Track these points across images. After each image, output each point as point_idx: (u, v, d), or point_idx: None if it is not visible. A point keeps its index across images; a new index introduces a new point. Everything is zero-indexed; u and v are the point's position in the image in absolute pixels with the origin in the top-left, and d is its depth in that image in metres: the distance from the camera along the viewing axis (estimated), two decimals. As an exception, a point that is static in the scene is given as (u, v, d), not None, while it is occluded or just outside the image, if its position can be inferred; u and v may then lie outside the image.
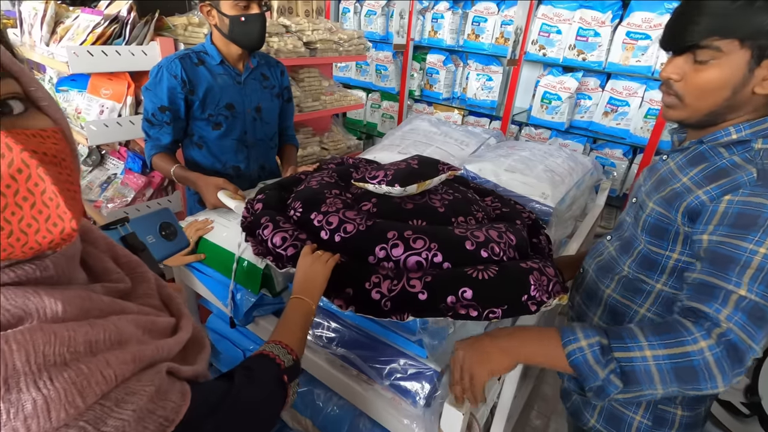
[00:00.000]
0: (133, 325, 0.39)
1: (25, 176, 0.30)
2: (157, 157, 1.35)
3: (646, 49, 2.41)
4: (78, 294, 0.36)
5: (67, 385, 0.31)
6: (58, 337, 0.32)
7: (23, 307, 0.32)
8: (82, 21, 1.54)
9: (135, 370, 0.36)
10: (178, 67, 1.29)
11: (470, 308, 0.71)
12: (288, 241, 0.84)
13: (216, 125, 1.39)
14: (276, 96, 1.51)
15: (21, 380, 0.29)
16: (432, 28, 3.23)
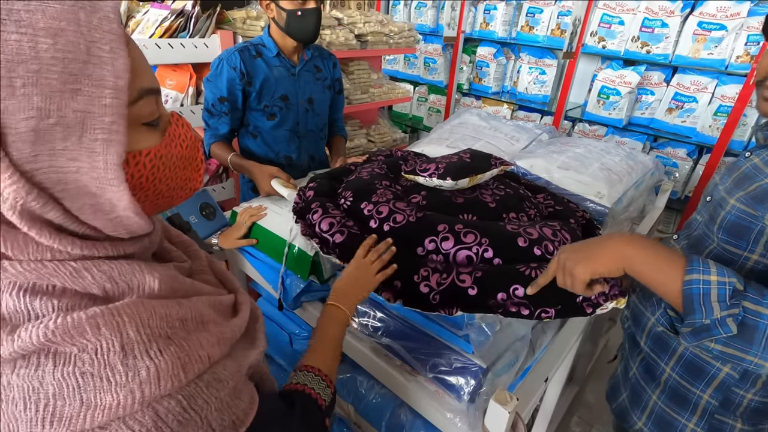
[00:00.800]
0: (208, 306, 0.41)
1: (197, 144, 0.44)
2: (216, 146, 1.42)
3: (720, 40, 2.22)
4: (169, 273, 0.39)
5: (173, 358, 0.34)
6: (157, 312, 0.35)
7: (129, 282, 0.36)
8: (152, 15, 1.64)
9: (222, 354, 0.39)
10: (237, 59, 1.33)
11: (521, 306, 0.70)
12: (335, 227, 0.86)
13: (271, 116, 1.44)
14: (327, 88, 1.54)
15: (135, 348, 0.33)
16: (484, 20, 3.15)
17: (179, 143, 0.41)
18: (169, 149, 0.40)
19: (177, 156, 0.41)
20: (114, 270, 0.35)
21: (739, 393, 0.76)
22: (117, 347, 0.32)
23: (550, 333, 0.98)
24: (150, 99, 0.37)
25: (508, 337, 0.84)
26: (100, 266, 0.35)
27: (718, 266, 0.58)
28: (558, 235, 0.81)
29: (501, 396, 0.69)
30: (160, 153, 0.39)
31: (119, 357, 0.32)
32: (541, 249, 0.78)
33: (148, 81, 0.37)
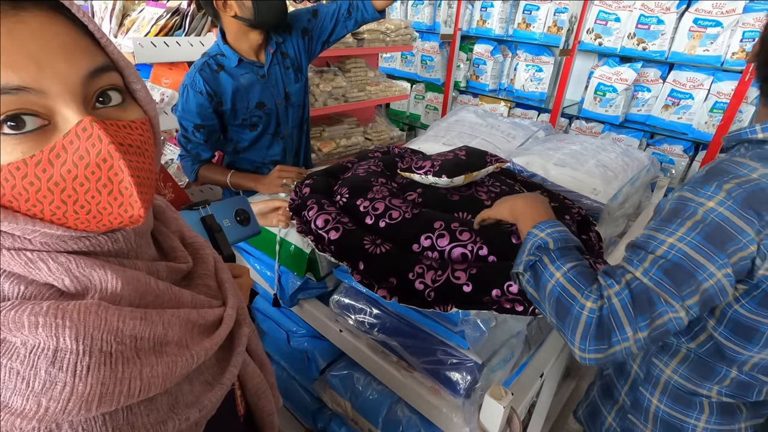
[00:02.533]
0: (179, 323, 0.37)
1: (108, 166, 0.33)
2: (204, 169, 1.36)
3: (715, 37, 2.23)
4: (137, 276, 0.36)
5: (95, 384, 0.30)
6: (108, 324, 0.32)
7: (89, 276, 0.33)
8: (147, 14, 1.64)
9: (162, 388, 0.34)
10: (200, 81, 1.24)
11: (516, 303, 0.70)
12: (330, 223, 0.86)
13: (252, 126, 1.38)
14: (298, 71, 1.43)
15: (66, 357, 0.30)
16: (480, 17, 3.15)
17: (74, 160, 0.32)
18: (46, 165, 0.31)
19: (65, 176, 0.32)
20: (71, 263, 0.33)
21: (645, 395, 0.79)
22: (50, 352, 0.30)
23: (546, 329, 0.99)
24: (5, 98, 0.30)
25: (503, 334, 0.85)
26: (57, 258, 0.33)
27: (556, 230, 0.66)
28: (552, 231, 0.82)
29: (496, 391, 0.70)
30: (23, 171, 0.31)
31: (45, 362, 0.29)
32: (536, 245, 0.78)
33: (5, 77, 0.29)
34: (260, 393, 0.50)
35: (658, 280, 0.57)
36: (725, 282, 0.56)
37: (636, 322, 0.55)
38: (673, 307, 0.55)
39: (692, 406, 0.75)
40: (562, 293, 0.60)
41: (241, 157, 1.44)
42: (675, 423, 0.76)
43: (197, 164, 1.36)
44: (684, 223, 0.58)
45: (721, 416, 0.73)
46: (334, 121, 2.32)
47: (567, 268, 0.61)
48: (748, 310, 0.63)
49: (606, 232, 1.27)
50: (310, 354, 1.17)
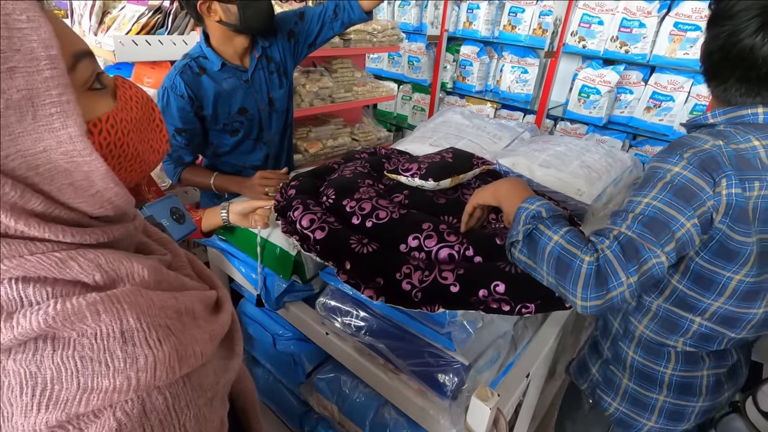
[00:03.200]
0: (198, 301, 0.40)
1: (150, 105, 0.43)
2: (187, 172, 1.33)
3: (695, 41, 2.28)
4: (153, 265, 0.38)
5: (171, 349, 0.33)
6: (156, 303, 0.34)
7: (117, 270, 0.35)
8: (128, 11, 1.60)
9: (212, 351, 0.38)
10: (182, 84, 1.20)
11: (502, 302, 0.70)
12: (316, 223, 0.85)
13: (233, 132, 1.34)
14: (283, 76, 1.40)
15: (135, 335, 0.32)
16: (467, 19, 3.17)
17: (133, 105, 0.41)
18: (126, 111, 0.39)
19: (135, 118, 0.40)
20: (101, 258, 0.35)
21: (623, 348, 0.89)
22: (117, 333, 0.32)
23: (532, 329, 1.00)
24: (87, 62, 0.36)
25: (490, 334, 0.85)
26: (85, 255, 0.34)
27: (545, 202, 0.72)
28: (538, 232, 0.82)
29: (482, 393, 0.70)
30: (119, 116, 0.38)
31: (119, 343, 0.32)
32: (522, 246, 0.78)
33: (79, 44, 0.36)
34: (240, 373, 0.52)
35: (640, 232, 0.65)
36: (693, 231, 0.66)
37: (627, 268, 0.63)
38: (656, 253, 0.64)
39: (661, 356, 0.84)
40: (563, 252, 0.66)
41: (222, 161, 1.40)
42: (647, 371, 0.86)
43: (180, 167, 1.33)
44: (656, 185, 0.68)
45: (685, 364, 0.83)
46: (321, 122, 2.31)
47: (563, 232, 0.68)
48: (706, 261, 0.72)
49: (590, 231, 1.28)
50: (297, 357, 1.16)
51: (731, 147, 0.67)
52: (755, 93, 0.69)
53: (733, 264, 0.70)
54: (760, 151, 0.67)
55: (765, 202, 0.66)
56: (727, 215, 0.67)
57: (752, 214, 0.66)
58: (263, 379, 1.31)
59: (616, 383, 0.91)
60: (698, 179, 0.66)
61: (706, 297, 0.74)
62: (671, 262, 0.66)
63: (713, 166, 0.66)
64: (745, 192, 0.66)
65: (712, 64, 0.72)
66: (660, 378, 0.85)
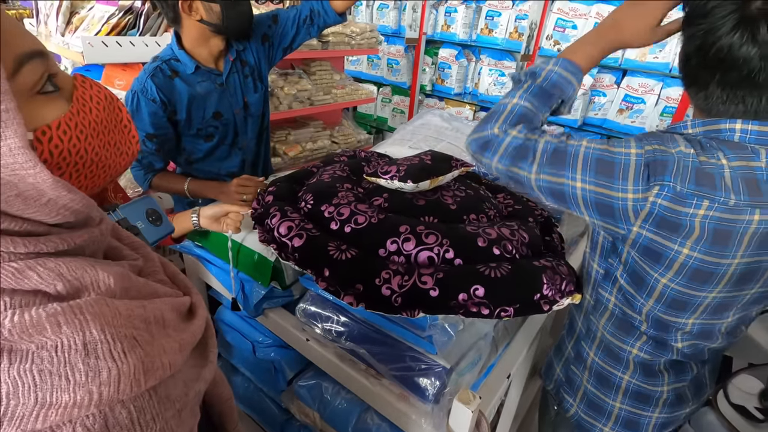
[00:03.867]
0: (168, 308, 0.39)
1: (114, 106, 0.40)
2: (158, 178, 1.29)
3: (664, 45, 2.36)
4: (120, 272, 0.37)
5: (137, 362, 0.32)
6: (122, 312, 0.33)
7: (80, 278, 0.33)
8: (97, 12, 1.55)
9: (182, 362, 0.37)
10: (153, 88, 1.16)
11: (482, 306, 0.71)
12: (294, 230, 0.84)
13: (207, 137, 1.30)
14: (258, 80, 1.38)
15: (98, 347, 0.31)
16: (445, 22, 3.20)
17: (93, 106, 0.38)
18: (84, 114, 0.37)
19: (96, 120, 0.38)
20: (62, 266, 0.33)
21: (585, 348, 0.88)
22: (79, 345, 0.30)
23: (512, 330, 1.01)
24: (35, 64, 0.34)
25: (471, 337, 0.85)
26: (45, 264, 0.32)
27: (563, 71, 0.84)
28: (516, 234, 0.83)
29: (464, 396, 0.70)
30: (74, 121, 0.36)
31: (81, 356, 0.30)
32: (500, 249, 0.79)
33: (26, 44, 0.33)
34: (217, 379, 0.50)
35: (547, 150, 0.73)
36: (579, 193, 0.69)
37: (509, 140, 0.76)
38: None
39: (620, 361, 0.82)
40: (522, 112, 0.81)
41: (195, 168, 1.36)
42: (605, 374, 0.84)
43: (150, 173, 1.28)
44: (602, 147, 0.69)
45: (643, 375, 0.81)
46: (300, 125, 2.29)
47: (524, 93, 0.82)
48: (638, 258, 0.70)
49: (567, 232, 1.30)
50: (277, 364, 1.14)
51: (699, 159, 0.62)
52: (738, 100, 0.62)
53: (660, 266, 0.68)
54: (725, 171, 0.61)
55: (712, 224, 0.61)
56: (647, 221, 0.65)
57: (696, 231, 0.62)
58: (243, 387, 1.28)
59: (576, 383, 0.90)
60: (632, 170, 0.65)
61: (640, 295, 0.73)
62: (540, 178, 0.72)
63: (658, 170, 0.63)
64: (679, 206, 0.62)
65: (690, 69, 0.66)
66: (617, 383, 0.83)
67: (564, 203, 0.72)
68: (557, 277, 0.75)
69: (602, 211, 0.68)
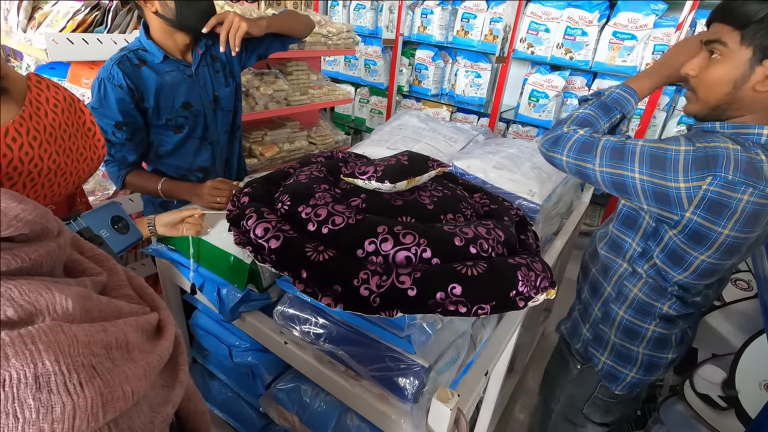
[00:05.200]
0: (134, 330, 0.37)
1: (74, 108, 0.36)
2: (132, 176, 1.25)
3: (632, 49, 2.44)
4: (80, 292, 0.34)
5: (95, 394, 0.30)
6: (79, 339, 0.30)
7: (35, 303, 0.31)
8: (62, 7, 1.49)
9: (147, 388, 0.34)
10: (119, 74, 1.14)
11: (459, 304, 0.71)
12: (270, 232, 0.83)
13: (177, 128, 1.28)
14: (229, 76, 1.38)
15: (51, 380, 0.28)
16: (421, 24, 3.22)
17: (49, 109, 0.35)
18: (38, 119, 0.34)
19: (52, 125, 0.35)
20: (13, 290, 0.30)
21: (614, 309, 1.04)
22: (30, 379, 0.28)
23: (490, 327, 1.02)
24: None
25: (449, 335, 0.86)
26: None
27: (624, 93, 1.05)
28: (492, 233, 0.84)
29: (442, 394, 0.70)
30: (26, 126, 0.33)
31: (31, 390, 0.28)
32: (477, 247, 0.80)
33: None
34: (190, 393, 0.49)
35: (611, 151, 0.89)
36: (638, 183, 0.83)
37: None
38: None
39: (649, 316, 0.99)
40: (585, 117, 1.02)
41: (165, 162, 1.33)
42: (633, 328, 1.02)
43: (124, 169, 1.25)
44: (658, 143, 0.84)
45: (665, 323, 0.99)
46: (277, 125, 2.26)
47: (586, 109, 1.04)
48: (681, 242, 0.86)
49: (542, 231, 1.33)
50: (255, 368, 1.12)
51: (747, 154, 0.75)
52: None
53: (701, 246, 0.82)
54: (764, 165, 0.75)
55: (750, 207, 0.76)
56: (699, 207, 0.78)
57: (737, 214, 0.77)
58: (220, 392, 1.25)
59: (605, 340, 1.07)
60: (682, 162, 0.79)
61: (675, 271, 0.90)
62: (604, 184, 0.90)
63: (710, 163, 0.76)
64: (730, 192, 0.76)
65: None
66: (643, 333, 1.00)
67: (626, 194, 0.87)
68: (532, 273, 0.77)
69: (659, 199, 0.82)
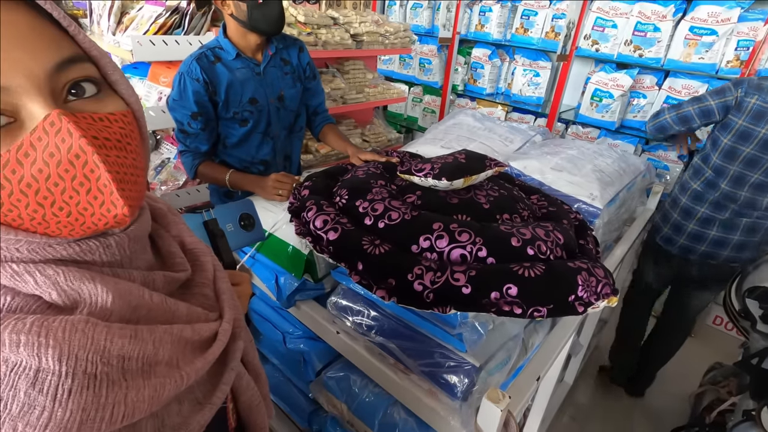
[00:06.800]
0: (170, 342, 0.35)
1: (82, 162, 0.31)
2: (204, 166, 1.35)
3: (711, 45, 2.25)
4: (130, 289, 0.34)
5: (75, 410, 0.28)
6: (95, 343, 0.30)
7: (78, 290, 0.32)
8: (146, 12, 1.63)
9: (147, 412, 0.32)
10: (197, 69, 1.25)
11: (514, 305, 0.70)
12: (329, 224, 0.86)
13: (243, 122, 1.36)
14: (297, 80, 1.45)
15: (48, 379, 0.28)
16: (479, 22, 3.17)
17: (44, 158, 0.30)
18: (14, 166, 0.29)
19: (37, 176, 0.30)
20: (60, 275, 0.31)
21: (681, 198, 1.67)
22: (31, 372, 0.28)
23: (542, 332, 1.00)
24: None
25: (501, 337, 0.85)
26: (44, 270, 0.31)
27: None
28: (550, 235, 0.82)
29: (493, 394, 0.70)
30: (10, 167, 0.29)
31: (26, 383, 0.27)
32: (534, 249, 0.78)
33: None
34: (253, 406, 0.48)
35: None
36: (714, 107, 1.49)
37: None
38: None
39: (700, 201, 1.60)
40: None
41: (230, 153, 1.42)
42: (690, 210, 1.62)
43: (198, 159, 1.35)
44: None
45: (713, 208, 1.58)
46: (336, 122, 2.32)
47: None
48: (731, 142, 1.46)
49: (602, 238, 1.27)
50: (306, 356, 1.17)
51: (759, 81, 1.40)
52: None
53: (747, 143, 1.41)
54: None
55: (756, 106, 1.39)
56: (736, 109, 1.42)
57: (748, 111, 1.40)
58: (272, 376, 1.32)
59: (683, 228, 1.64)
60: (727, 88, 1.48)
61: (730, 165, 1.47)
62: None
63: (740, 84, 1.45)
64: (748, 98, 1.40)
65: None
66: (694, 214, 1.59)
67: (709, 118, 1.52)
68: (593, 278, 0.74)
69: (726, 112, 1.47)
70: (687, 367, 2.11)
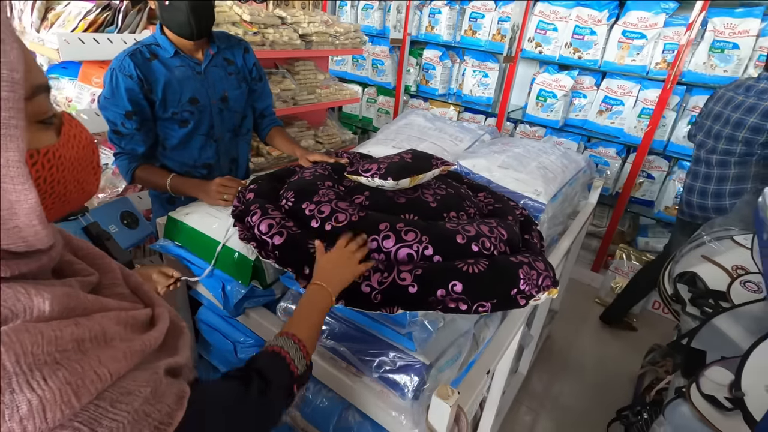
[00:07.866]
0: (115, 323, 0.38)
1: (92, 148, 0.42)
2: (141, 170, 1.25)
3: (641, 48, 2.41)
4: (64, 291, 0.36)
5: (61, 384, 0.31)
6: (45, 336, 0.32)
7: (12, 307, 0.32)
8: (74, 8, 1.52)
9: (129, 367, 0.36)
10: (131, 65, 1.17)
11: (460, 302, 0.71)
12: (274, 228, 0.84)
13: (183, 122, 1.28)
14: (242, 81, 1.40)
15: (13, 381, 0.30)
16: (429, 24, 3.22)
17: (75, 144, 0.40)
18: (66, 149, 0.39)
19: (73, 157, 0.39)
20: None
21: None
22: (3, 382, 0.29)
23: (493, 327, 1.02)
24: (44, 96, 0.37)
25: (451, 333, 0.86)
26: None
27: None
28: (494, 231, 0.84)
29: (443, 391, 0.70)
30: (58, 153, 0.38)
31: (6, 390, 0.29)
32: (478, 245, 0.80)
33: (41, 77, 0.37)
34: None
35: None
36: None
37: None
38: None
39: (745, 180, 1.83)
40: None
41: (170, 155, 1.34)
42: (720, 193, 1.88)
43: (134, 162, 1.25)
44: None
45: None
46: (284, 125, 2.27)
47: None
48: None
49: (547, 231, 1.33)
50: (259, 364, 1.13)
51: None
52: None
53: None
54: None
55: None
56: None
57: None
58: (225, 388, 1.27)
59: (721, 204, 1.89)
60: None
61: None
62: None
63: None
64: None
65: None
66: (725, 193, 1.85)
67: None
68: (533, 272, 0.77)
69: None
70: (630, 349, 2.25)
